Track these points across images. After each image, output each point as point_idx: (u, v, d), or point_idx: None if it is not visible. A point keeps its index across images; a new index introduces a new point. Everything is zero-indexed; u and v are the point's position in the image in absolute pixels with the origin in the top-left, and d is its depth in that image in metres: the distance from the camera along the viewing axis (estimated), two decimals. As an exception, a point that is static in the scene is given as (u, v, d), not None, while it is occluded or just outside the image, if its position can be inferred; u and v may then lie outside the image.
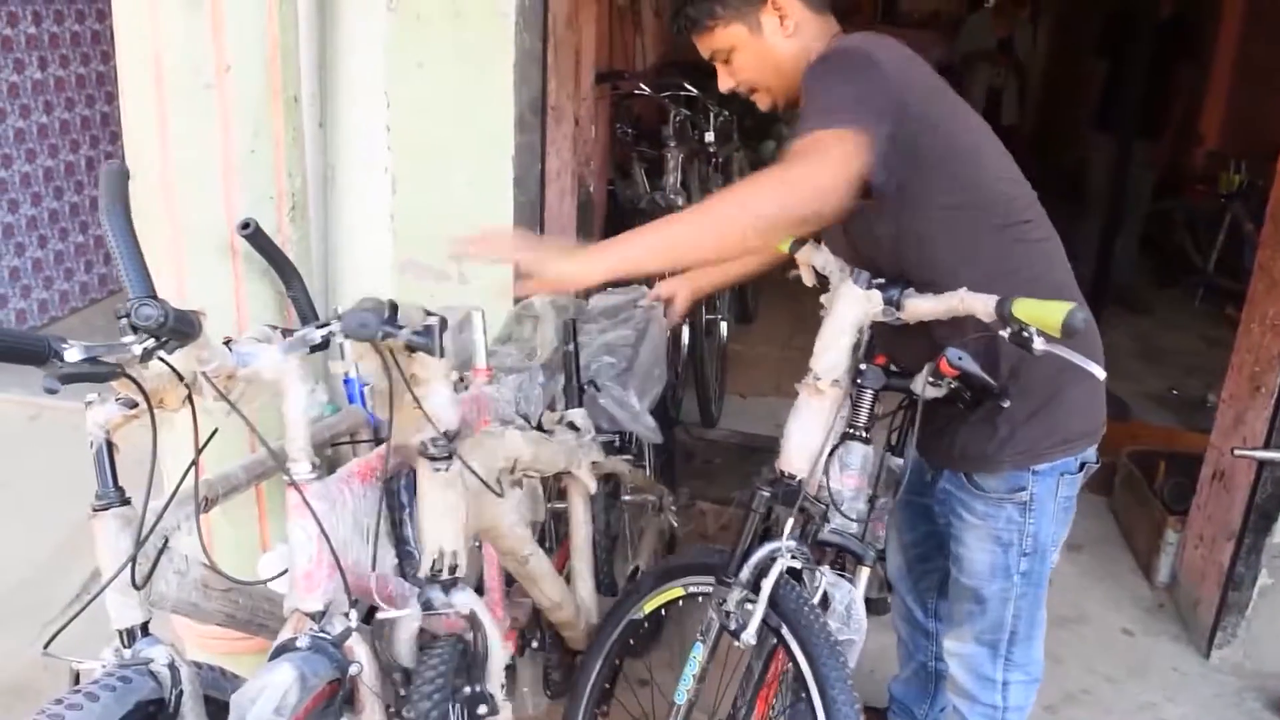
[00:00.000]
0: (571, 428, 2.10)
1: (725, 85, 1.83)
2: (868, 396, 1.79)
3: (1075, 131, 6.67)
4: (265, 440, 1.29)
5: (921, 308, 1.64)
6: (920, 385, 1.70)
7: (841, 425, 1.79)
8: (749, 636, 1.65)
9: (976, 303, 1.55)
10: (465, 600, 1.52)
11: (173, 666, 1.32)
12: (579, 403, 2.23)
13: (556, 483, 2.21)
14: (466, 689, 1.48)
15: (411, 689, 1.40)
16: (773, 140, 6.67)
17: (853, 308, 1.70)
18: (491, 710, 1.52)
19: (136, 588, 1.32)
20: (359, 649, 1.37)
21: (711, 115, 4.36)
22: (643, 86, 4.05)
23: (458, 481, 1.50)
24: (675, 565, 1.99)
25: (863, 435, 1.81)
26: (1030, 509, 1.79)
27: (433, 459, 1.47)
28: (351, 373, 2.19)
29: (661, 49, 5.13)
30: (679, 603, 1.95)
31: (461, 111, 2.51)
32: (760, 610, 1.65)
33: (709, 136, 4.36)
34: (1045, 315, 1.45)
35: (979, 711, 1.97)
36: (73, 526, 2.84)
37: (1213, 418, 3.06)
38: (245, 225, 1.83)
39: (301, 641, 1.32)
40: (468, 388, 1.87)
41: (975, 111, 1.78)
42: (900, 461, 1.93)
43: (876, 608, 2.73)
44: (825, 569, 1.75)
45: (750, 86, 1.81)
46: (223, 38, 1.92)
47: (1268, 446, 2.66)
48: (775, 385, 4.40)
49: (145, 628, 1.36)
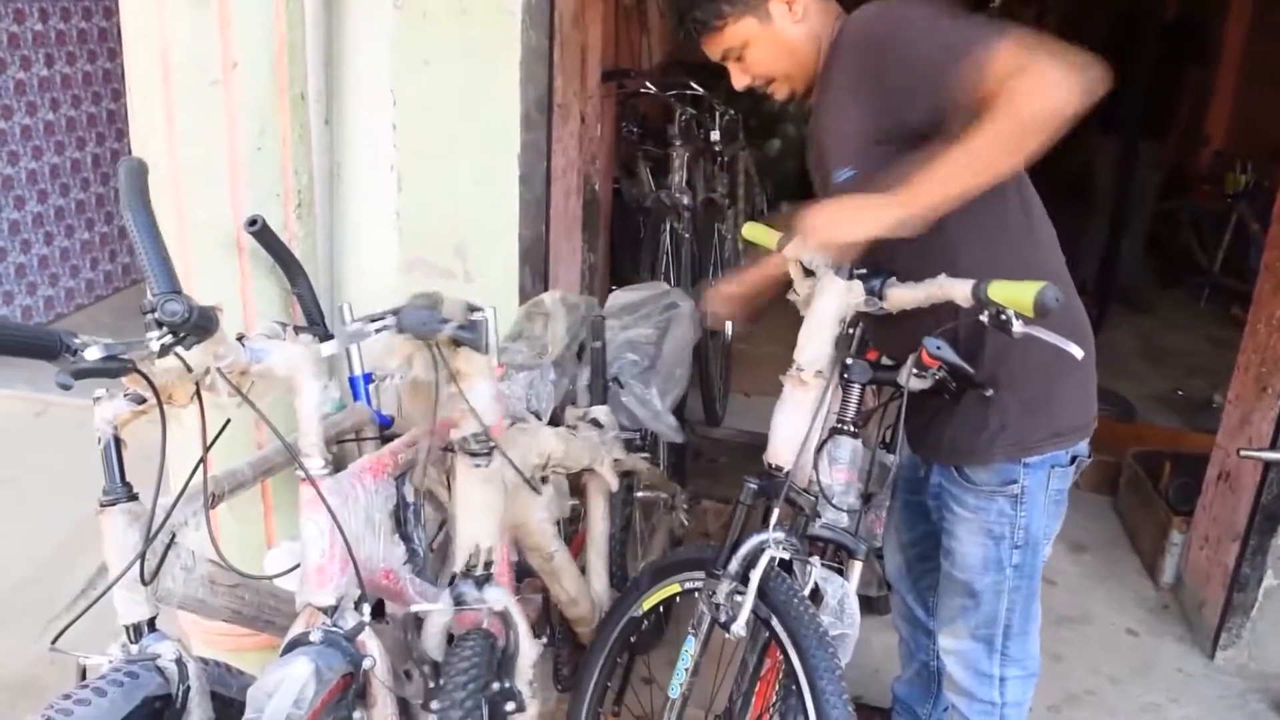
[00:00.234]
0: (595, 425, 2.10)
1: (741, 83, 1.82)
2: (855, 391, 1.80)
3: (1081, 132, 6.65)
4: (281, 435, 1.29)
5: (904, 296, 1.63)
6: (906, 378, 1.70)
7: (830, 418, 1.79)
8: (739, 628, 1.64)
9: (955, 288, 1.54)
10: (498, 597, 1.52)
11: (180, 662, 1.32)
12: (603, 400, 2.22)
13: (576, 479, 2.21)
14: (495, 685, 1.48)
15: (443, 681, 1.40)
16: (778, 139, 6.68)
17: (834, 299, 1.70)
18: (519, 707, 1.52)
19: (144, 583, 1.32)
20: (371, 643, 1.37)
21: (717, 114, 4.36)
22: (648, 85, 4.05)
23: (497, 477, 1.49)
24: (671, 562, 1.99)
25: (851, 429, 1.81)
26: (1021, 501, 1.79)
27: (473, 454, 1.46)
28: (356, 369, 2.20)
29: (667, 48, 5.13)
30: (677, 599, 1.95)
31: (467, 109, 2.51)
32: (749, 602, 1.64)
33: (714, 135, 4.36)
34: (1019, 296, 1.44)
35: (977, 709, 1.96)
36: (78, 523, 2.85)
37: (1218, 418, 3.05)
38: (252, 222, 1.83)
39: (314, 636, 1.32)
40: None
41: None
42: (892, 458, 1.93)
43: (877, 607, 2.74)
44: (815, 560, 1.74)
45: (767, 79, 1.80)
46: (230, 35, 1.92)
47: (1274, 447, 2.65)
48: (780, 384, 4.39)
49: (152, 623, 1.37)
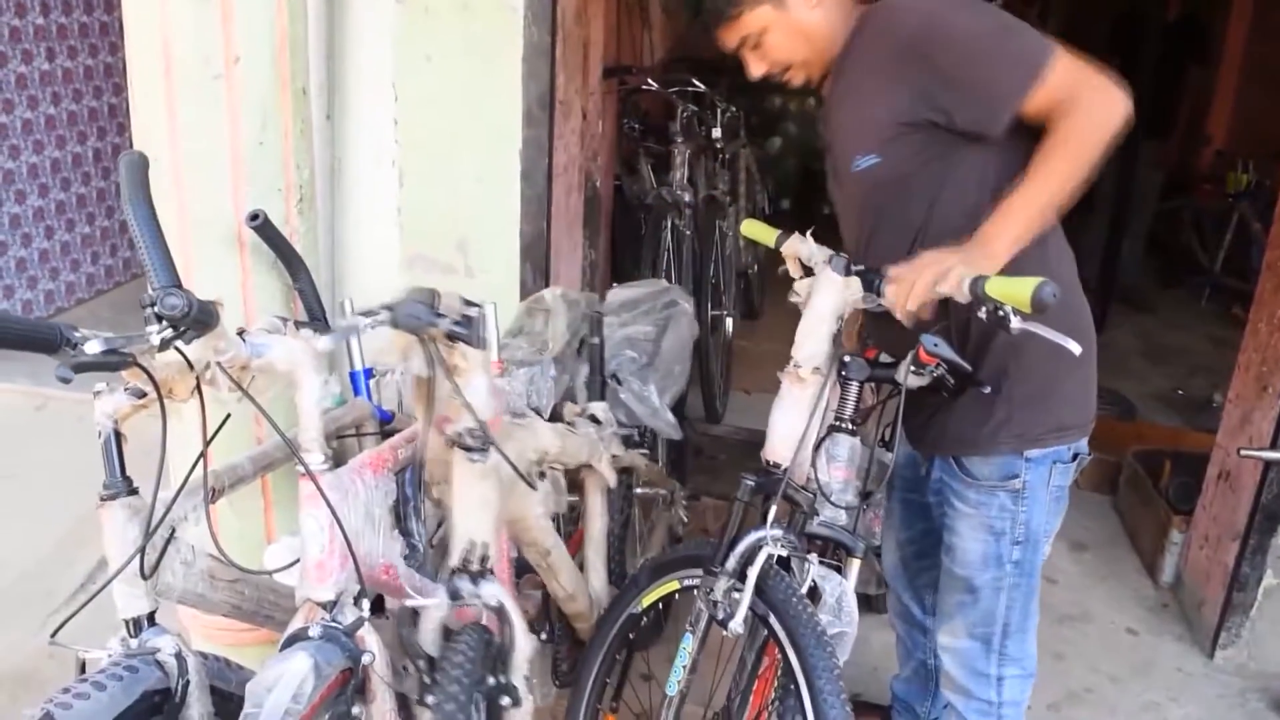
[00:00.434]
0: (593, 420, 2.10)
1: (757, 71, 1.81)
2: (853, 389, 1.79)
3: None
4: (281, 430, 1.28)
5: (893, 293, 1.62)
6: (904, 375, 1.70)
7: (828, 415, 1.78)
8: (736, 625, 1.64)
9: (952, 284, 1.53)
10: (493, 592, 1.51)
11: (179, 656, 1.32)
12: (601, 396, 2.22)
13: (575, 476, 2.20)
14: (490, 680, 1.48)
15: (438, 675, 1.40)
16: (778, 137, 6.68)
17: (832, 296, 1.70)
18: (515, 702, 1.52)
19: (144, 578, 1.32)
20: (370, 638, 1.36)
21: (719, 111, 4.36)
22: (650, 82, 4.05)
23: (493, 473, 1.49)
24: (669, 559, 1.98)
25: (849, 427, 1.80)
26: (1023, 496, 1.79)
27: (469, 449, 1.46)
28: (357, 364, 2.20)
29: (669, 44, 5.13)
30: (676, 596, 1.94)
31: (469, 105, 2.51)
32: (746, 599, 1.63)
33: (716, 132, 4.36)
34: (1016, 291, 1.44)
35: (974, 708, 1.96)
36: (78, 517, 2.85)
37: (1218, 418, 3.05)
38: (254, 217, 1.83)
39: (314, 631, 1.31)
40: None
41: None
42: (891, 456, 1.92)
43: (876, 605, 2.74)
44: (813, 558, 1.74)
45: (784, 66, 1.80)
46: (232, 29, 1.91)
47: (1274, 447, 2.65)
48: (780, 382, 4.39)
49: (152, 618, 1.36)
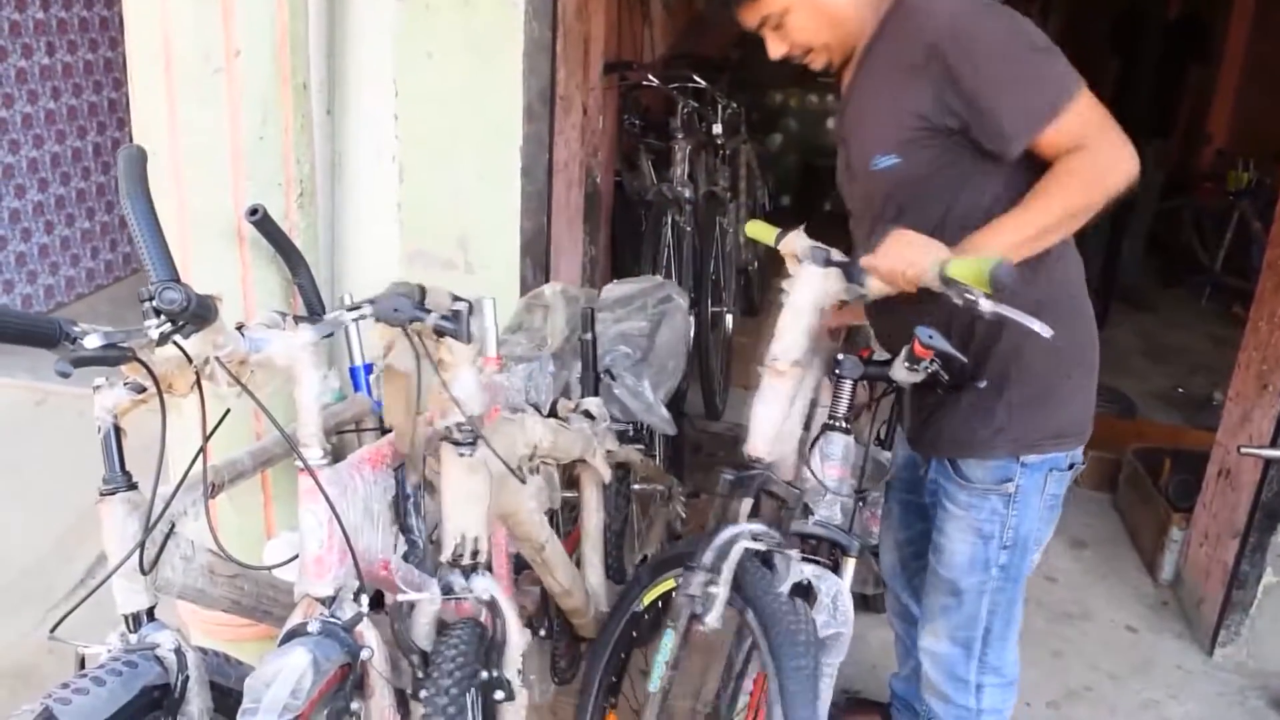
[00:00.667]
0: (587, 416, 2.10)
1: (777, 52, 1.76)
2: (846, 386, 1.78)
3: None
4: (280, 425, 1.28)
5: (879, 286, 1.62)
6: (899, 371, 1.68)
7: (813, 410, 1.77)
8: (713, 620, 1.62)
9: (925, 270, 1.52)
10: (485, 586, 1.52)
11: (179, 652, 1.32)
12: (594, 391, 2.22)
13: (569, 471, 2.20)
14: (483, 674, 1.48)
15: (431, 670, 1.40)
16: (779, 133, 6.68)
17: (812, 288, 1.67)
18: (508, 696, 1.52)
19: (143, 573, 1.32)
20: (369, 634, 1.37)
21: (719, 107, 4.35)
22: (651, 78, 4.04)
23: (482, 467, 1.50)
24: (668, 557, 1.97)
25: (843, 426, 1.79)
26: (1014, 501, 1.78)
27: (457, 443, 1.46)
28: (357, 359, 2.20)
29: (670, 40, 5.12)
30: (673, 594, 1.93)
31: (470, 101, 2.51)
32: (722, 594, 1.61)
33: (716, 129, 4.35)
34: (976, 271, 1.43)
35: (953, 713, 1.95)
36: (77, 512, 2.85)
37: (1218, 416, 3.05)
38: (253, 211, 1.83)
39: (312, 626, 1.32)
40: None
41: None
42: (888, 455, 1.91)
43: (873, 605, 2.74)
44: (795, 554, 1.71)
45: (805, 49, 1.75)
46: (232, 23, 1.91)
47: (1274, 445, 2.65)
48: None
49: (151, 613, 1.36)
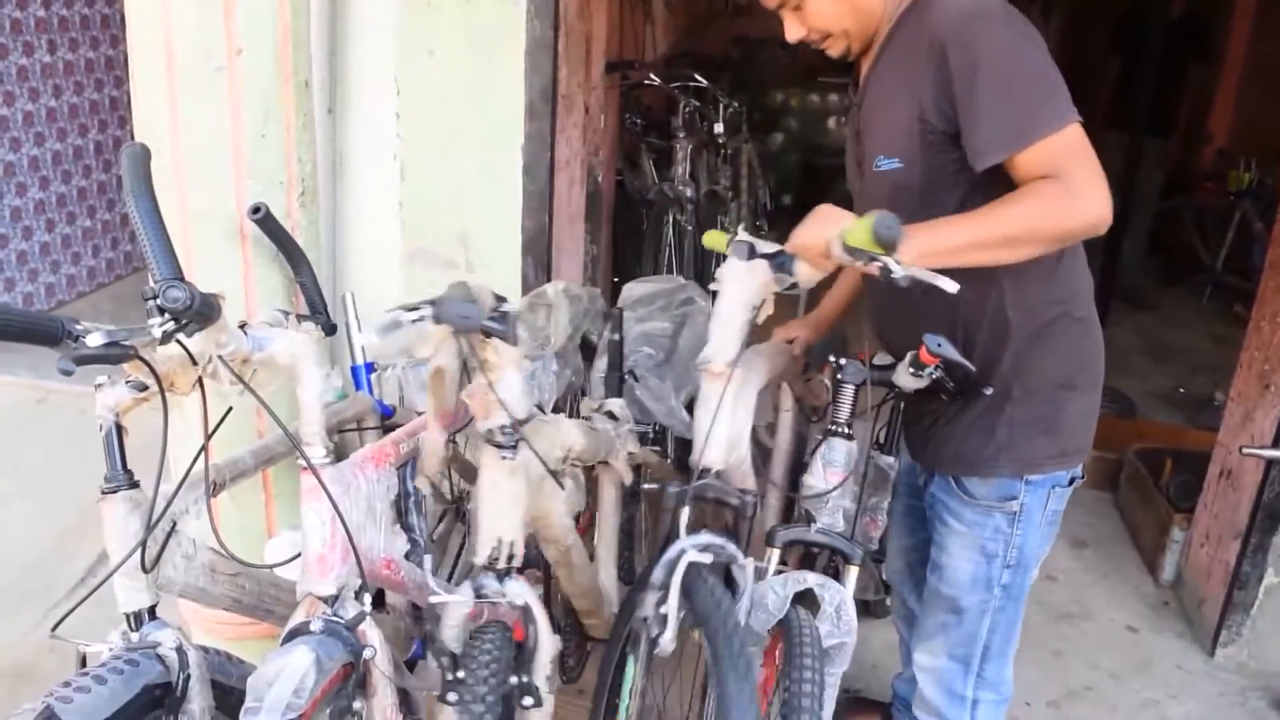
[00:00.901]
0: (610, 417, 2.09)
1: (795, 35, 1.69)
2: (848, 392, 1.74)
3: (1086, 129, 6.65)
4: (283, 424, 1.28)
5: (812, 271, 1.56)
6: (902, 377, 1.65)
7: (753, 413, 1.68)
8: (667, 643, 1.50)
9: (830, 241, 1.47)
10: (520, 591, 1.50)
11: (180, 650, 1.32)
12: (619, 393, 2.21)
13: (588, 471, 2.19)
14: (513, 679, 1.47)
15: (463, 674, 1.39)
16: (780, 132, 6.68)
17: (738, 283, 1.59)
18: (537, 702, 1.51)
19: (145, 571, 1.32)
20: (372, 633, 1.36)
21: (721, 107, 4.36)
22: (652, 77, 4.04)
23: (522, 470, 1.47)
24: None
25: (845, 431, 1.75)
26: (1019, 519, 1.75)
27: (500, 446, 1.45)
28: (359, 358, 2.20)
29: (672, 39, 5.12)
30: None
31: (471, 99, 2.51)
32: (673, 613, 1.50)
33: (718, 128, 4.36)
34: (866, 232, 1.38)
35: None
36: (79, 510, 2.85)
37: (1219, 416, 3.05)
38: (256, 210, 1.83)
39: (315, 625, 1.31)
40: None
41: None
42: (890, 460, 1.87)
43: (874, 610, 2.74)
44: (749, 562, 1.62)
45: (823, 34, 1.68)
46: (234, 21, 1.91)
47: (1276, 445, 2.65)
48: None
49: (153, 611, 1.37)
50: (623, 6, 4.21)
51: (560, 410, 2.12)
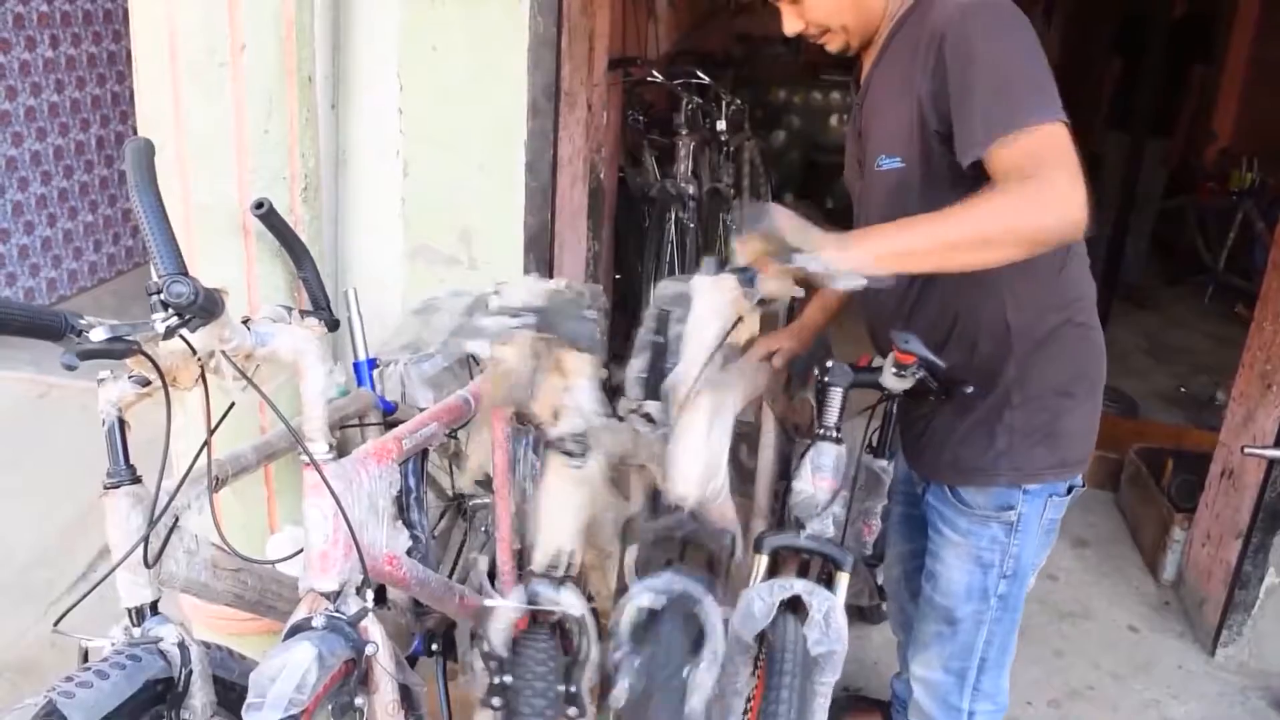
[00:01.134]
0: (648, 420, 2.07)
1: (793, 28, 1.64)
2: (836, 395, 1.70)
3: (1089, 129, 6.65)
4: (286, 419, 1.28)
5: (774, 285, 1.46)
6: (888, 378, 1.62)
7: (730, 438, 1.59)
8: (618, 696, 1.45)
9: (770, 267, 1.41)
10: (573, 601, 1.49)
11: (182, 645, 1.32)
12: (656, 394, 2.19)
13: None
14: (559, 688, 1.46)
15: (511, 678, 1.39)
16: (783, 130, 6.68)
17: (707, 299, 1.50)
18: (581, 712, 1.50)
19: (147, 566, 1.32)
20: (374, 629, 1.36)
21: (724, 104, 4.36)
22: (655, 74, 4.04)
23: (588, 480, 1.45)
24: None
25: (834, 435, 1.70)
26: (1016, 529, 1.72)
27: (569, 454, 1.42)
28: (361, 354, 2.20)
29: (674, 37, 5.12)
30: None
31: (474, 95, 2.50)
32: (626, 662, 1.46)
33: (721, 125, 4.36)
34: (754, 240, 1.33)
35: None
36: (80, 506, 2.85)
37: (1221, 416, 3.05)
38: (259, 205, 1.82)
39: (317, 621, 1.31)
40: (482, 371, 1.87)
41: None
42: (882, 463, 1.83)
43: (869, 616, 2.73)
44: (710, 602, 1.57)
45: (821, 28, 1.64)
46: (238, 16, 1.91)
47: (1278, 445, 2.65)
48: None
49: (154, 606, 1.37)
50: (625, 3, 4.20)
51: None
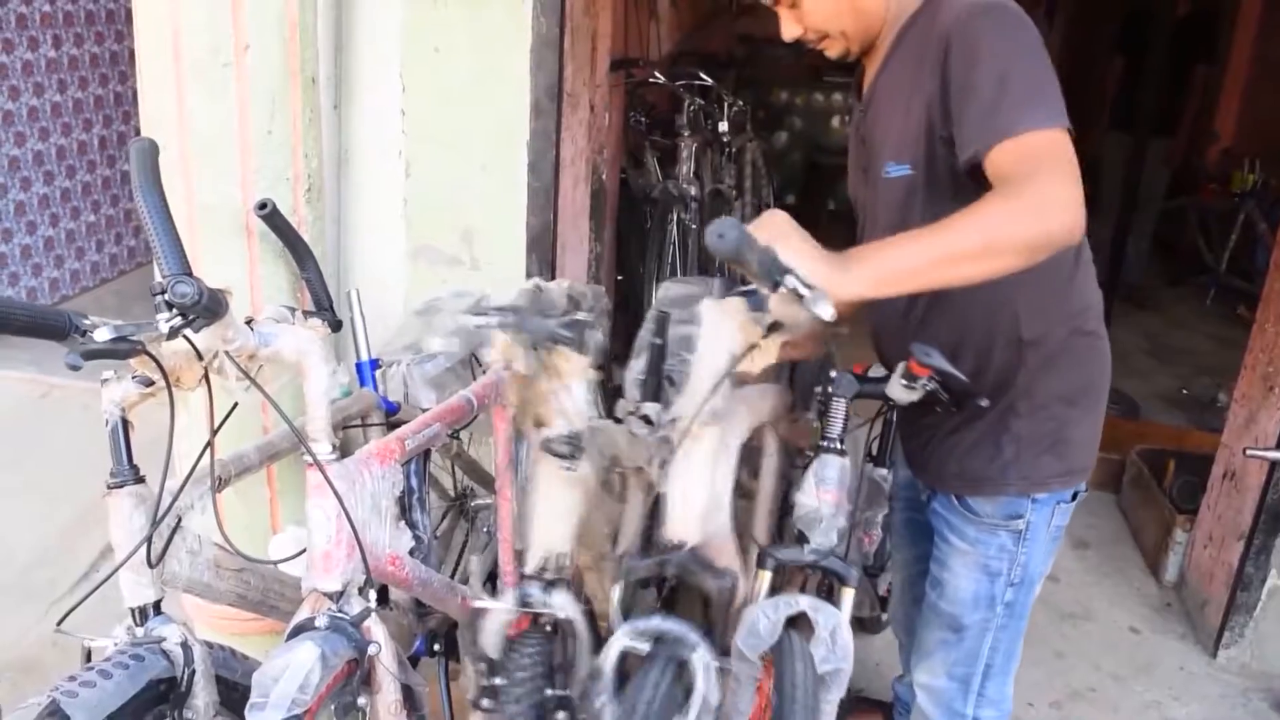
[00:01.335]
0: (646, 422, 2.07)
1: (790, 33, 1.61)
2: (841, 406, 1.67)
3: (1091, 129, 6.65)
4: (289, 419, 1.28)
5: (783, 306, 1.38)
6: (895, 389, 1.57)
7: (734, 472, 1.54)
8: None
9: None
10: (564, 603, 1.48)
11: (185, 645, 1.33)
12: (656, 397, 2.20)
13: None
14: (549, 691, 1.46)
15: (502, 680, 1.39)
16: (785, 131, 6.68)
17: (717, 324, 1.47)
18: (571, 716, 1.49)
19: (150, 566, 1.32)
20: (377, 629, 1.36)
21: (725, 105, 4.36)
22: (657, 75, 4.04)
23: (580, 482, 1.44)
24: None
25: (838, 447, 1.67)
26: (1025, 537, 1.71)
27: (561, 455, 1.42)
28: (364, 354, 2.20)
29: (677, 38, 5.12)
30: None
31: (477, 96, 2.51)
32: (610, 708, 1.42)
33: (723, 126, 4.36)
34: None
35: None
36: (83, 506, 2.85)
37: (1223, 417, 3.05)
38: (262, 205, 1.83)
39: (320, 621, 1.32)
40: (484, 372, 1.87)
41: None
42: (883, 473, 1.82)
43: (869, 626, 2.73)
44: (702, 650, 1.50)
45: (820, 33, 1.60)
46: (241, 17, 1.91)
47: (1280, 447, 2.65)
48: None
49: (158, 606, 1.37)
50: (628, 4, 4.21)
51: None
